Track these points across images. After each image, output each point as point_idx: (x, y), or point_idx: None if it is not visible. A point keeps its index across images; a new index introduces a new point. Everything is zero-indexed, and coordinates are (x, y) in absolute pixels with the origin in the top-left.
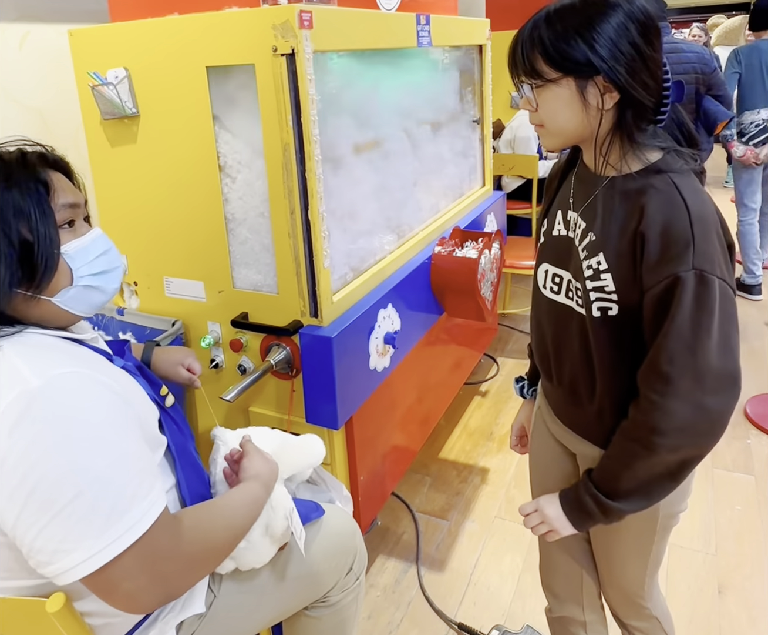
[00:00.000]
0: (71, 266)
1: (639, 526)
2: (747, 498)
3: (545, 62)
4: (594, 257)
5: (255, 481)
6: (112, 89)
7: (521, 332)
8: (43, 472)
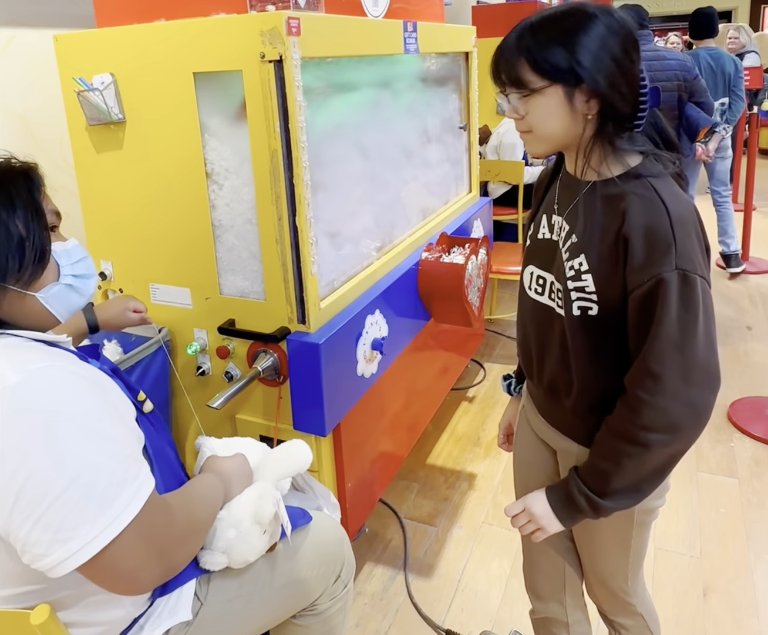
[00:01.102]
0: (59, 262)
1: (616, 521)
2: (731, 501)
3: (533, 72)
4: (576, 258)
5: (214, 473)
6: (98, 95)
7: (508, 338)
8: (32, 465)
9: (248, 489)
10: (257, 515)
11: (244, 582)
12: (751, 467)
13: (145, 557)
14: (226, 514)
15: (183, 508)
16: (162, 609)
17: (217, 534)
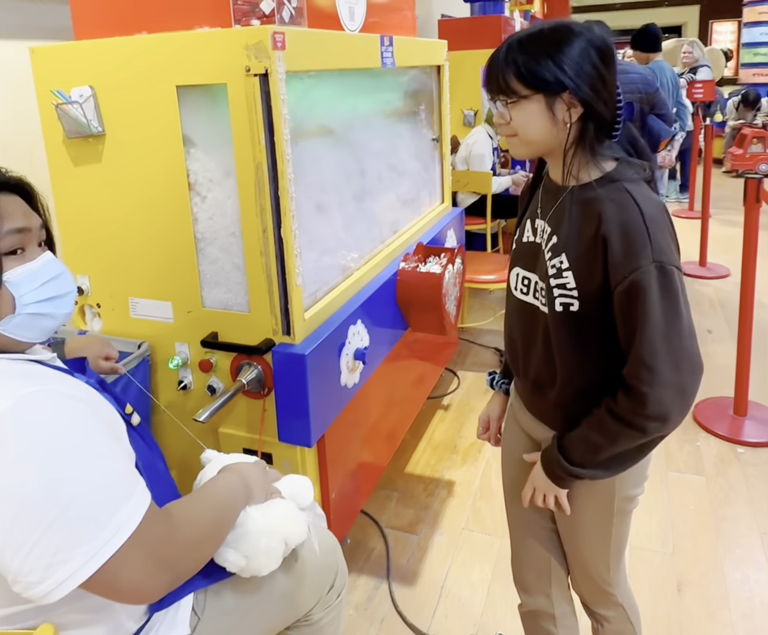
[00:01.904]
0: (14, 293)
1: (597, 509)
2: (699, 498)
3: (518, 81)
4: (557, 257)
5: (236, 473)
6: (78, 108)
7: (480, 346)
8: (25, 492)
9: (284, 503)
10: (288, 535)
11: (241, 596)
12: (716, 465)
13: (150, 568)
14: (263, 522)
15: (191, 515)
16: (160, 625)
17: (249, 538)
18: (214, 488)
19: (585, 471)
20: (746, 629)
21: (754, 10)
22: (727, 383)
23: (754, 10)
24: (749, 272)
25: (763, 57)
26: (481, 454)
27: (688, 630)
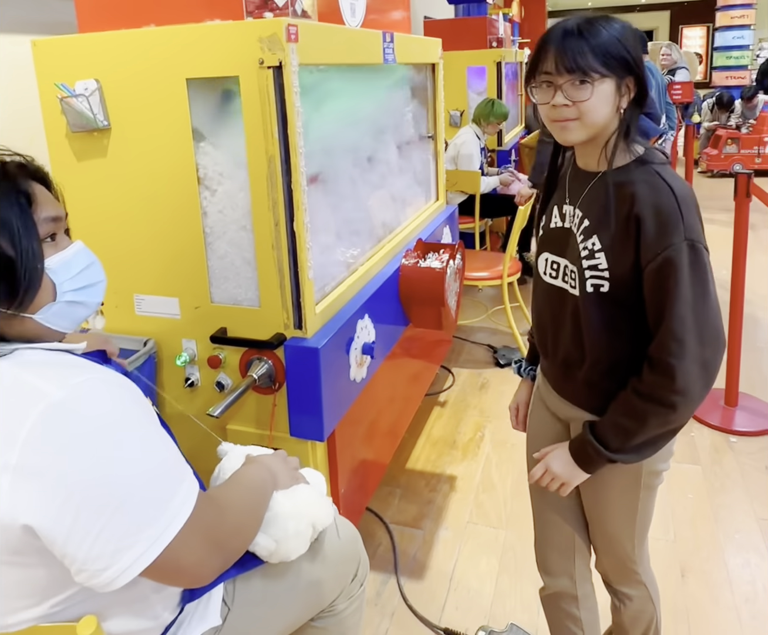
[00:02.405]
0: (54, 280)
1: (624, 484)
2: (696, 487)
3: (596, 61)
4: (589, 240)
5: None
6: (83, 101)
7: (473, 343)
8: (89, 480)
9: (309, 488)
10: (315, 519)
11: (269, 586)
12: (711, 454)
13: (205, 550)
14: (290, 505)
15: (232, 499)
16: (192, 616)
17: (278, 521)
18: (244, 477)
19: (621, 456)
20: (750, 612)
21: (726, 14)
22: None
23: (727, 15)
24: (739, 265)
25: (736, 60)
26: (481, 449)
27: (694, 614)
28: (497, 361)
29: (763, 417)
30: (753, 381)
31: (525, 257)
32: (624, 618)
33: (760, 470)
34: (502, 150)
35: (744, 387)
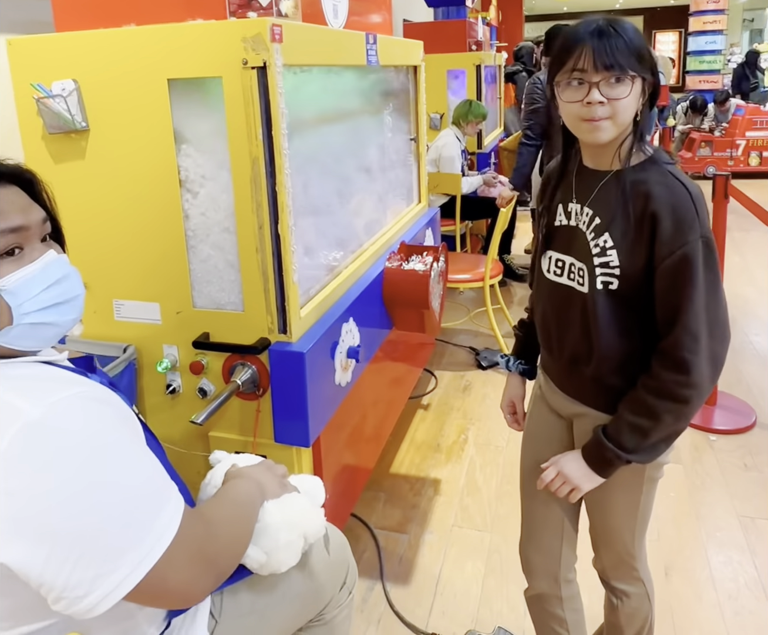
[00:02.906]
0: (10, 303)
1: (628, 479)
2: (678, 486)
3: (632, 59)
4: (601, 237)
5: (244, 476)
6: (60, 102)
7: (455, 346)
8: (67, 504)
9: (300, 498)
10: (306, 530)
11: (257, 597)
12: (692, 453)
13: (194, 569)
14: (281, 516)
15: (219, 516)
16: (179, 630)
17: (268, 532)
18: (230, 492)
19: (637, 456)
20: (733, 608)
21: (699, 19)
22: None
23: (699, 20)
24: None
25: (708, 65)
26: (465, 452)
27: (678, 612)
28: (479, 363)
29: (741, 415)
30: (731, 380)
31: (506, 260)
32: (620, 616)
33: (739, 467)
34: (482, 153)
35: (722, 386)
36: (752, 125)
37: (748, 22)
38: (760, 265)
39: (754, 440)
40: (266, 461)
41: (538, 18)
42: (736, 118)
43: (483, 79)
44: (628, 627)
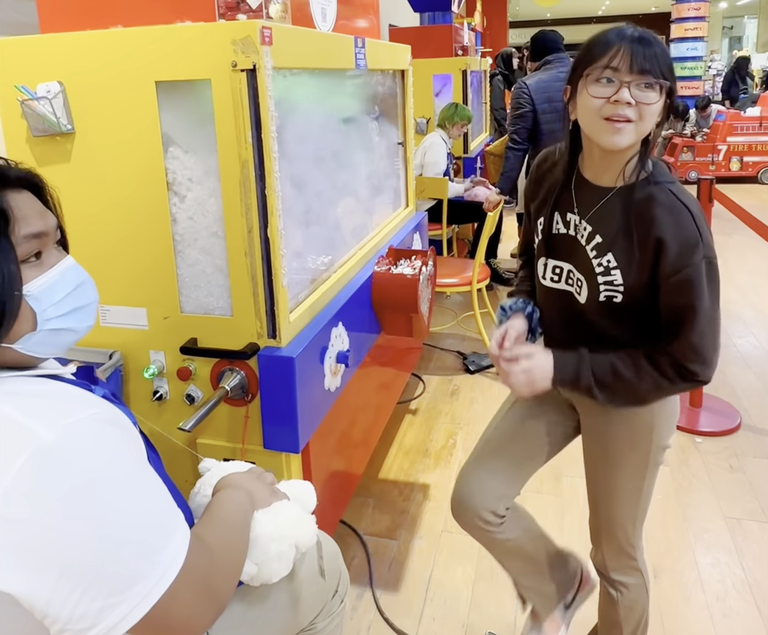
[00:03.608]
0: (35, 309)
1: (636, 462)
2: (665, 488)
3: (665, 69)
4: (604, 257)
5: (234, 487)
6: (46, 104)
7: (442, 350)
8: (76, 536)
9: (291, 506)
10: (298, 539)
11: (248, 608)
12: (678, 455)
13: (198, 602)
14: (272, 527)
15: (221, 543)
16: None
17: (259, 544)
18: (225, 511)
19: (598, 391)
20: (721, 610)
21: (680, 26)
22: None
23: (681, 27)
24: None
25: (690, 71)
26: (453, 456)
27: (667, 614)
28: (467, 367)
29: (726, 417)
30: (716, 383)
31: (492, 264)
32: (619, 610)
33: (725, 469)
34: (468, 157)
35: (707, 389)
36: (733, 131)
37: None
38: (743, 268)
39: (739, 441)
40: (255, 468)
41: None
42: (717, 123)
43: (469, 84)
44: (627, 623)
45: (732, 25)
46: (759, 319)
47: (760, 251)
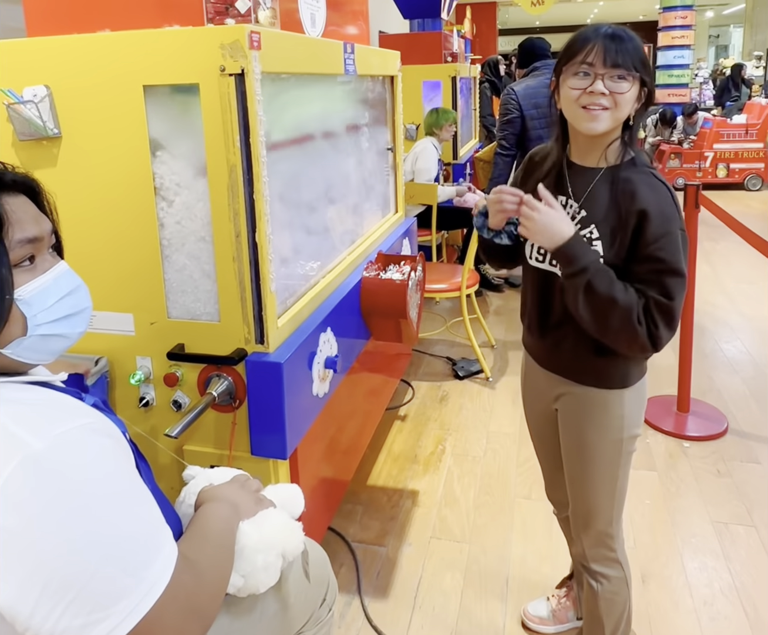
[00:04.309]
0: (26, 313)
1: (607, 451)
2: (653, 493)
3: (636, 62)
4: (586, 229)
5: (219, 500)
6: (32, 107)
7: (432, 356)
8: (62, 548)
9: (277, 515)
10: (285, 548)
11: (234, 619)
12: (666, 460)
13: (182, 620)
14: (258, 537)
15: (204, 557)
16: None
17: (245, 555)
18: (208, 526)
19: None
20: (709, 614)
21: (668, 34)
22: (668, 382)
23: (668, 35)
24: (690, 276)
25: (677, 78)
26: (442, 462)
27: (656, 619)
28: (456, 373)
29: (713, 422)
30: (703, 388)
31: (482, 270)
32: (600, 602)
33: (712, 473)
34: (458, 164)
35: (695, 393)
36: (720, 138)
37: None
38: (730, 274)
39: (726, 446)
40: (239, 476)
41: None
42: (704, 130)
43: (459, 91)
44: (608, 617)
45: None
46: (746, 324)
47: (746, 256)
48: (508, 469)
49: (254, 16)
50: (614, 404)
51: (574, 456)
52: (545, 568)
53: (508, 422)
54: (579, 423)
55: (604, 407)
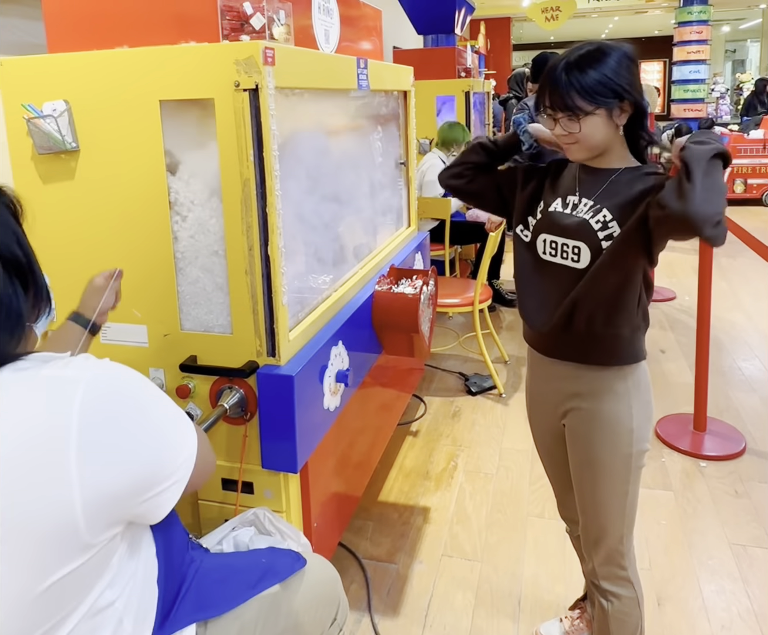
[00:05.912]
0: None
1: (618, 468)
2: (669, 513)
3: (583, 100)
4: (599, 214)
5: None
6: (51, 122)
7: (444, 371)
8: (141, 448)
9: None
10: None
11: (243, 628)
12: (682, 479)
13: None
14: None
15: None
16: None
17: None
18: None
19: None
20: None
21: (683, 49)
22: (685, 400)
23: (683, 50)
24: (705, 292)
25: (693, 93)
26: (454, 479)
27: None
28: (469, 389)
29: (730, 441)
30: (720, 406)
31: (495, 285)
32: (610, 622)
33: (729, 494)
34: None
35: (712, 412)
36: (737, 153)
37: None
38: (747, 291)
39: (744, 466)
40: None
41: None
42: None
43: (472, 106)
44: None
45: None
46: (764, 342)
47: (764, 274)
48: (521, 487)
49: (269, 32)
50: (624, 418)
51: (583, 473)
52: (558, 588)
53: (521, 438)
54: (588, 439)
55: (614, 422)
